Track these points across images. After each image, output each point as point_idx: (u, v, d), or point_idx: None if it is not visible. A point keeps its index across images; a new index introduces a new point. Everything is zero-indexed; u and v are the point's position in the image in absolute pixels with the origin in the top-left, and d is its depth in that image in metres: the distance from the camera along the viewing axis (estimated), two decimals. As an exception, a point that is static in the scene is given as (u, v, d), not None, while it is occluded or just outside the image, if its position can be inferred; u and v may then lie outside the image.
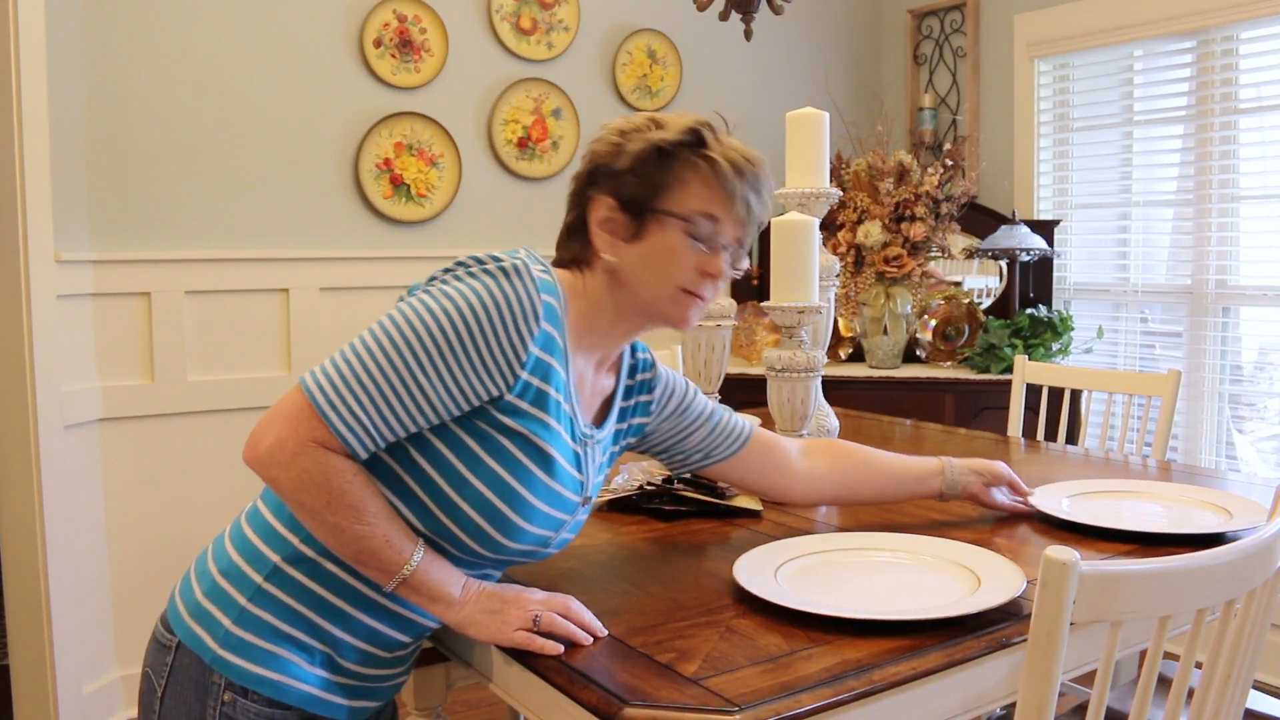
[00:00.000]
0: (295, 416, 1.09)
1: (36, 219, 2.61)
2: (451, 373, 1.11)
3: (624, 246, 1.24)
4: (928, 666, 1.07)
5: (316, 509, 1.09)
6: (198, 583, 1.22)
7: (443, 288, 1.13)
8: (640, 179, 1.23)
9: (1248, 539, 1.05)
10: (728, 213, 1.25)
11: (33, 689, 2.67)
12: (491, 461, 1.15)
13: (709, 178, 1.24)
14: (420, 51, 3.28)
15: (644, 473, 1.74)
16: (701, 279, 1.25)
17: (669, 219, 1.22)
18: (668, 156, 1.23)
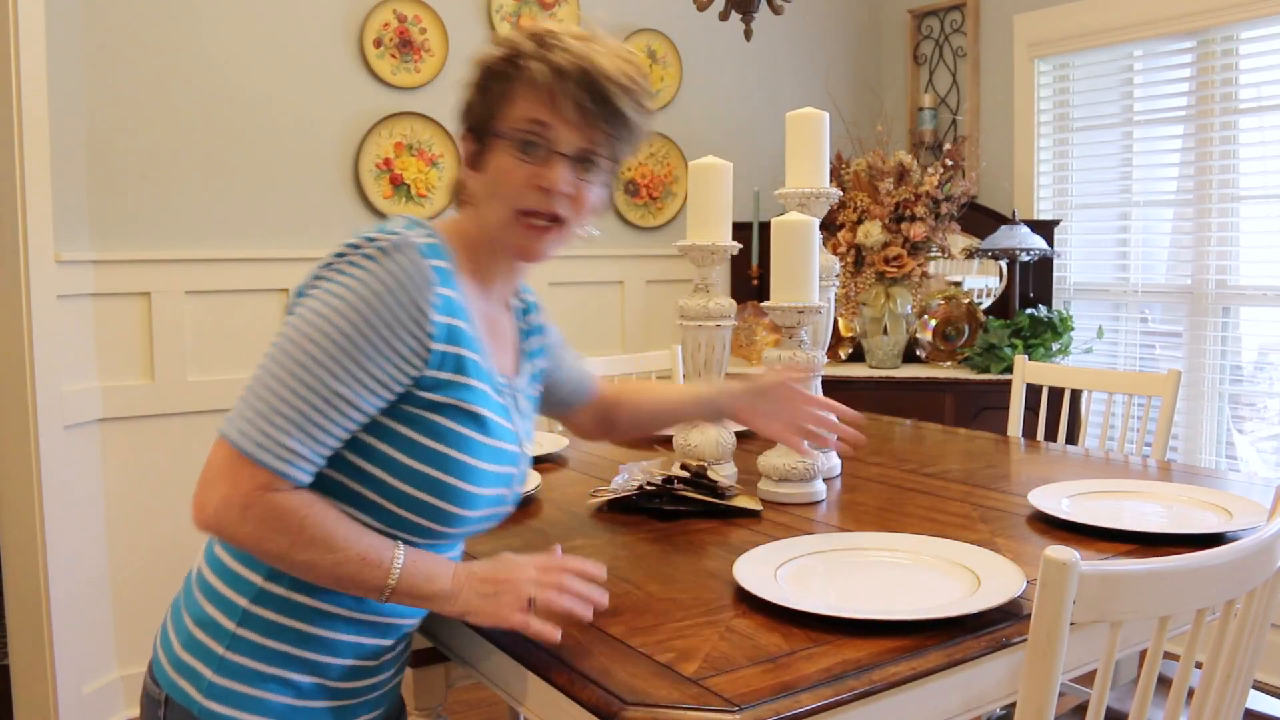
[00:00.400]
0: (230, 472, 1.04)
1: (36, 219, 2.61)
2: (366, 370, 1.07)
3: (475, 176, 1.22)
4: (928, 666, 1.07)
5: (284, 552, 1.06)
6: (175, 635, 1.19)
7: (329, 287, 1.08)
8: (479, 102, 1.21)
9: (1248, 539, 1.05)
10: (554, 116, 1.16)
11: (33, 689, 2.67)
12: (430, 442, 1.12)
13: (530, 86, 1.17)
14: (420, 51, 3.28)
15: (644, 473, 1.74)
16: (537, 195, 1.17)
17: (500, 140, 1.18)
18: (496, 75, 1.19)
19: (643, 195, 3.76)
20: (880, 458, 2.12)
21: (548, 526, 1.61)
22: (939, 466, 2.03)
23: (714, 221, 1.86)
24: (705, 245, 1.85)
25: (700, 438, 1.86)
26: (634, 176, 3.74)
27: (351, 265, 1.08)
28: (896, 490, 1.83)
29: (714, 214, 1.86)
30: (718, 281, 1.90)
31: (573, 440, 2.33)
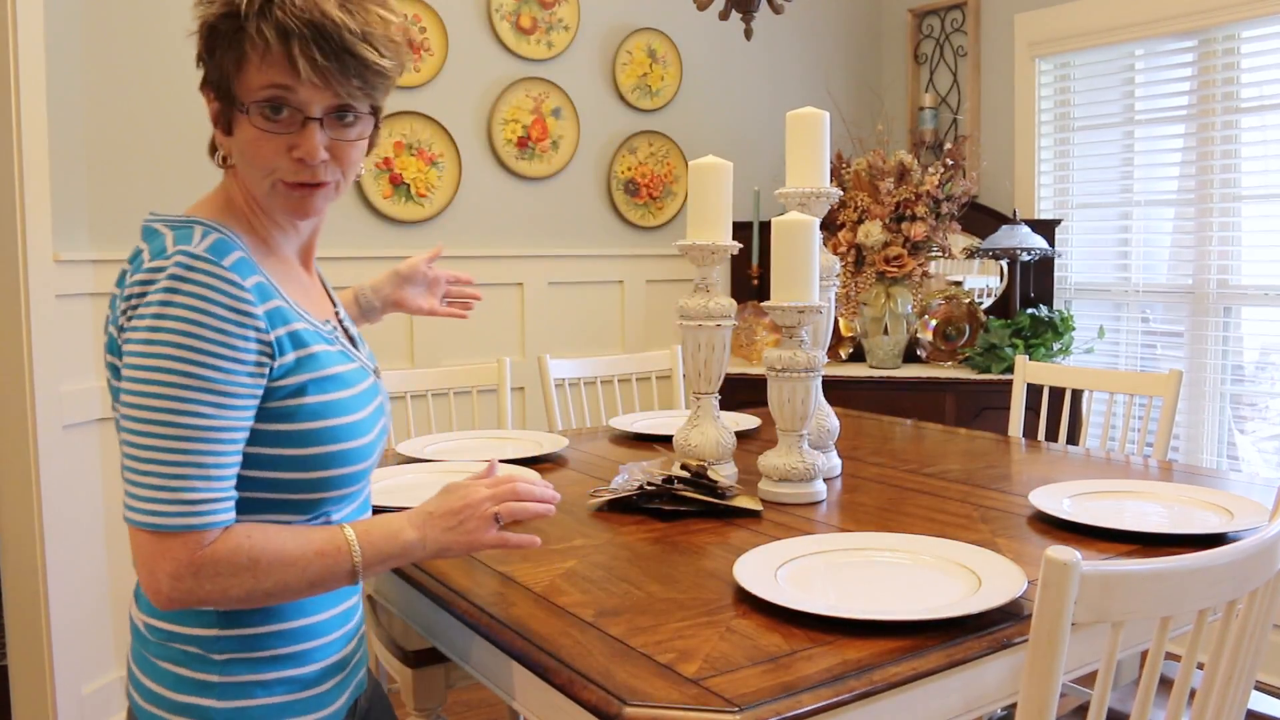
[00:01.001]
0: (161, 550, 1.02)
1: (35, 219, 2.60)
2: (226, 392, 1.04)
3: (227, 140, 1.15)
4: (928, 667, 1.07)
5: (252, 590, 1.06)
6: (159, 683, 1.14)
7: (145, 334, 1.03)
8: (211, 66, 1.12)
9: (1249, 539, 1.05)
10: (293, 78, 1.08)
11: (32, 689, 2.67)
12: (311, 424, 1.12)
13: (259, 50, 1.08)
14: (420, 51, 3.28)
15: (644, 473, 1.73)
16: (294, 166, 1.12)
17: (243, 109, 1.10)
18: (222, 37, 1.09)
19: (643, 195, 3.76)
20: (880, 458, 2.12)
21: (548, 526, 1.61)
22: (939, 466, 2.03)
23: (714, 221, 1.86)
24: (705, 245, 1.85)
25: (700, 438, 1.86)
26: (634, 176, 3.74)
27: (155, 304, 1.03)
28: (897, 490, 1.83)
29: (714, 214, 1.86)
30: (718, 281, 1.89)
31: (573, 440, 2.33)
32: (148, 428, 1.02)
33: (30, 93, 2.57)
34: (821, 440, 1.94)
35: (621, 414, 2.67)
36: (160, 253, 1.07)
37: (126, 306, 1.05)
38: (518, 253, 3.52)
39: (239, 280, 1.06)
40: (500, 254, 3.48)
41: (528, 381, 3.49)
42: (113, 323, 1.09)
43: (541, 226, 3.58)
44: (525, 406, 3.52)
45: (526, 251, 3.53)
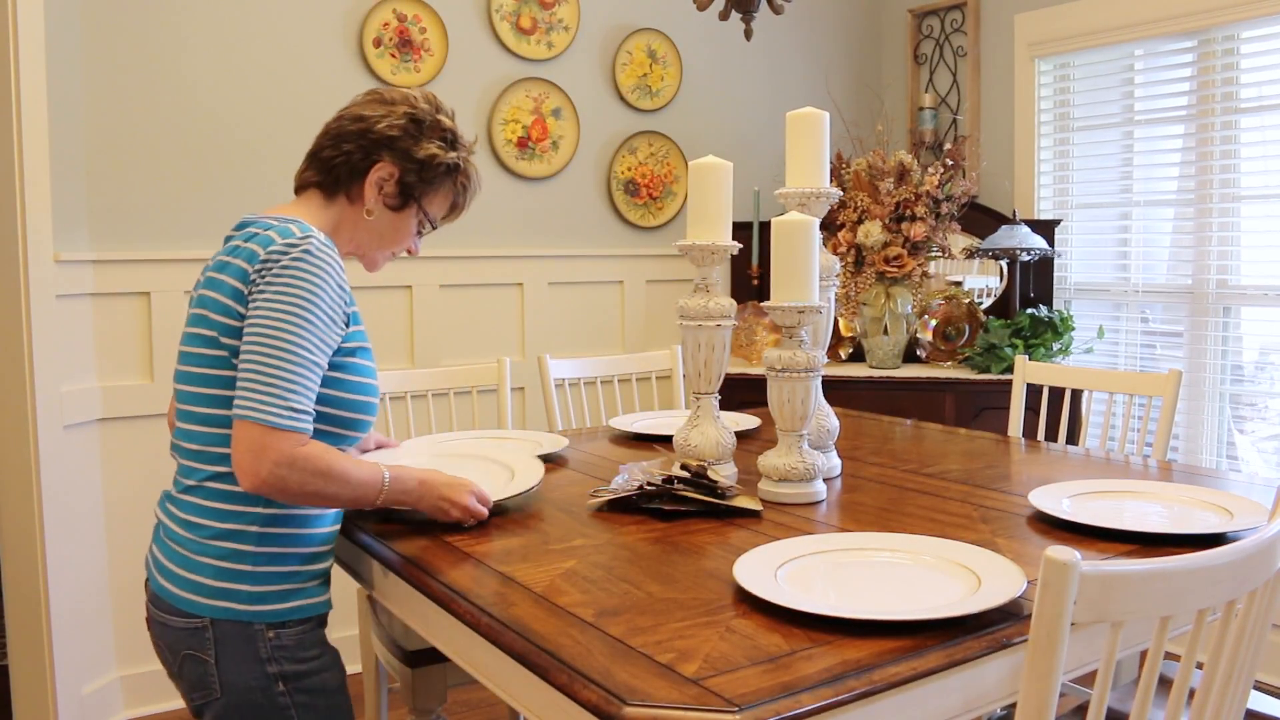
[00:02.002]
0: (268, 442, 1.35)
1: (36, 219, 2.60)
2: (325, 338, 1.43)
3: (382, 209, 1.60)
4: (928, 667, 1.07)
5: (320, 491, 1.40)
6: (197, 573, 1.44)
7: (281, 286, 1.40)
8: (423, 176, 1.60)
9: (1249, 539, 1.05)
10: (449, 218, 1.71)
11: (32, 689, 2.67)
12: (356, 377, 1.51)
13: (456, 196, 1.67)
14: (420, 51, 3.28)
15: (644, 473, 1.73)
16: (398, 253, 1.69)
17: (416, 213, 1.63)
18: (447, 173, 1.62)
19: (643, 195, 3.76)
20: (880, 458, 2.12)
21: (548, 526, 1.61)
22: (939, 466, 2.03)
23: (714, 221, 1.86)
24: (705, 245, 1.85)
25: (700, 438, 1.86)
26: (634, 176, 3.74)
27: (292, 266, 1.41)
28: (897, 490, 1.83)
29: (714, 214, 1.86)
30: (718, 281, 1.90)
31: (573, 440, 2.33)
32: (272, 350, 1.38)
33: (30, 93, 2.57)
34: (821, 440, 1.94)
35: (621, 414, 2.67)
36: (291, 234, 1.44)
37: (263, 267, 1.41)
38: (518, 253, 3.52)
39: (342, 267, 1.48)
40: (500, 254, 3.48)
41: (528, 381, 3.49)
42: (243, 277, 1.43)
43: (541, 226, 3.58)
44: (525, 406, 3.52)
45: (526, 251, 3.53)
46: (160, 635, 1.49)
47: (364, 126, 1.57)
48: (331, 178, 1.58)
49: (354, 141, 1.56)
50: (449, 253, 3.38)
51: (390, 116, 1.57)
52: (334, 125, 1.59)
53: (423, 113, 1.59)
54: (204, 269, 1.51)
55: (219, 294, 1.43)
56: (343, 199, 1.59)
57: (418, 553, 1.47)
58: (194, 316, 1.46)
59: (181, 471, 1.49)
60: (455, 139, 1.62)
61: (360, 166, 1.57)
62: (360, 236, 1.61)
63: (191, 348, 1.46)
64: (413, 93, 1.62)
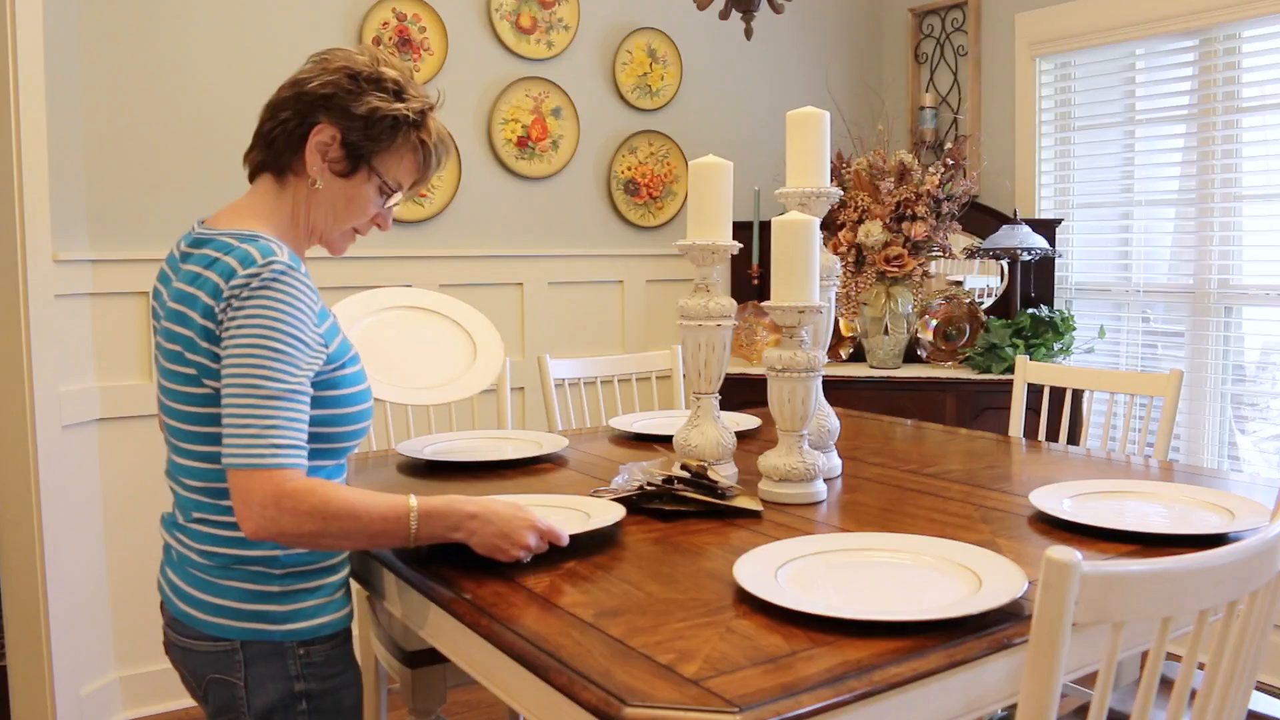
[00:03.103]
0: (251, 486, 1.26)
1: (34, 218, 2.60)
2: (303, 366, 1.33)
3: (330, 177, 1.46)
4: (929, 667, 1.07)
5: (321, 530, 1.29)
6: (225, 597, 1.39)
7: (249, 317, 1.30)
8: (369, 133, 1.44)
9: (1250, 539, 1.04)
10: (417, 185, 1.57)
11: (31, 690, 2.67)
12: (347, 390, 1.43)
13: (418, 158, 1.51)
14: (419, 50, 3.28)
15: (644, 473, 1.73)
16: (369, 226, 1.55)
17: (375, 176, 1.48)
18: (399, 127, 1.46)
19: (643, 195, 3.76)
20: (881, 458, 2.12)
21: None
22: (940, 467, 2.02)
23: (714, 221, 1.86)
24: (705, 245, 1.85)
25: (700, 438, 1.86)
26: (634, 176, 3.73)
27: (255, 297, 1.31)
28: (897, 490, 1.83)
29: (714, 213, 1.86)
30: (718, 281, 1.89)
31: (573, 440, 2.33)
32: (248, 391, 1.28)
33: (29, 93, 2.57)
34: (822, 440, 1.94)
35: (621, 414, 2.67)
36: (252, 261, 1.33)
37: (228, 303, 1.31)
38: (518, 253, 3.51)
39: (311, 286, 1.37)
40: (500, 254, 3.48)
41: (528, 381, 3.48)
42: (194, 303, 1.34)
43: (541, 226, 3.58)
44: (525, 406, 3.52)
45: (526, 251, 3.53)
46: (183, 660, 1.43)
47: (298, 90, 1.44)
48: (273, 153, 1.46)
49: (289, 108, 1.44)
50: (449, 253, 3.38)
51: (324, 74, 1.43)
52: (273, 97, 1.48)
53: (360, 64, 1.44)
54: (164, 286, 1.42)
55: (190, 331, 1.33)
56: (291, 177, 1.46)
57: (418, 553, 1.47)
58: (169, 352, 1.36)
59: (186, 504, 1.40)
60: (402, 90, 1.46)
61: (298, 133, 1.43)
62: (315, 215, 1.48)
63: (176, 385, 1.37)
64: (356, 50, 1.48)
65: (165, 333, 1.38)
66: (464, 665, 1.33)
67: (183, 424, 1.37)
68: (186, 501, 1.41)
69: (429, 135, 1.50)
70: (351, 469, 2.09)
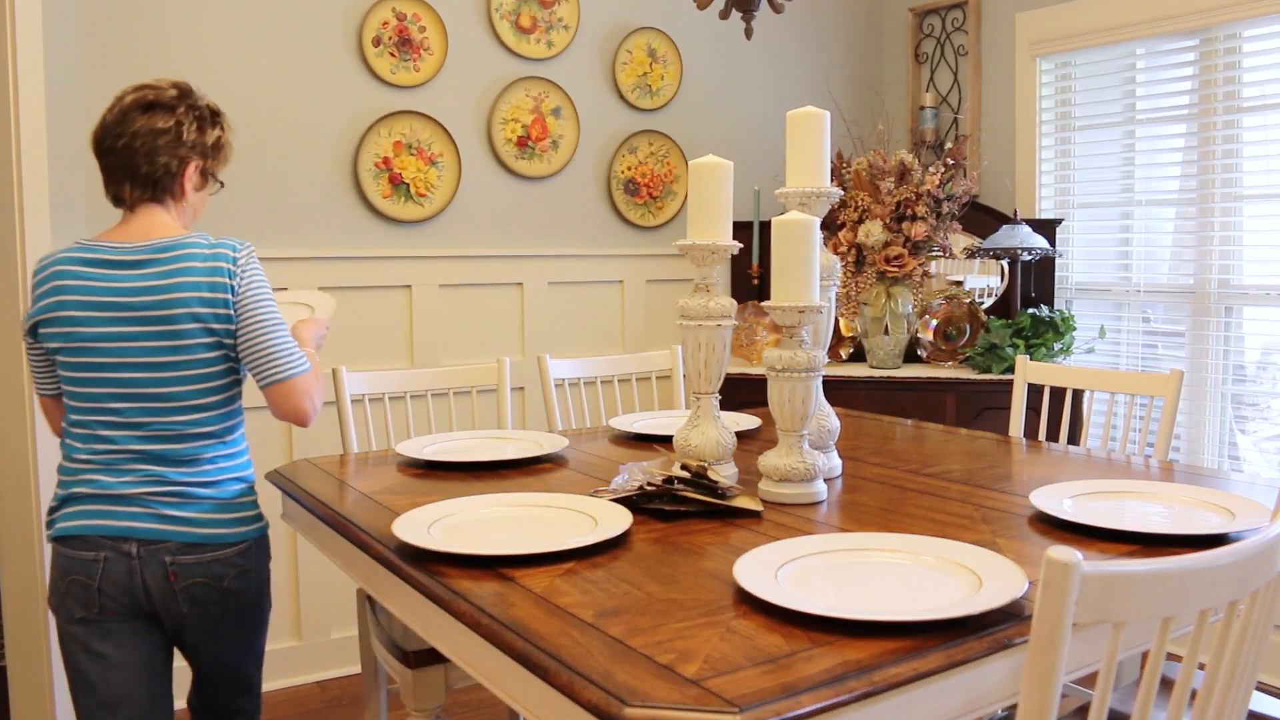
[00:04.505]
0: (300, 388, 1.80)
1: (34, 217, 2.60)
2: None
3: (195, 195, 1.91)
4: (929, 667, 1.07)
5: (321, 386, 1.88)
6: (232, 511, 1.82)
7: (259, 276, 1.83)
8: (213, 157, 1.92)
9: (1251, 540, 1.04)
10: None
11: (31, 690, 2.67)
12: None
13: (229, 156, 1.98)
14: (419, 50, 3.28)
15: (644, 473, 1.73)
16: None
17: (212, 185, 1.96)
18: (228, 146, 1.96)
19: (643, 195, 3.76)
20: (881, 458, 2.12)
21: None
22: (940, 467, 2.02)
23: (714, 221, 1.86)
24: (705, 245, 1.85)
25: (700, 438, 1.86)
26: (634, 176, 3.73)
27: (256, 265, 1.84)
28: (897, 491, 1.83)
29: (714, 213, 1.86)
30: (718, 281, 1.89)
31: (573, 440, 2.33)
32: (275, 323, 1.80)
33: (29, 92, 2.57)
34: (822, 440, 1.94)
35: (621, 414, 2.67)
36: (234, 245, 1.83)
37: (240, 268, 1.80)
38: (518, 253, 3.52)
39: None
40: (500, 254, 3.48)
41: (528, 381, 3.48)
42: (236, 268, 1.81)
43: (541, 226, 3.58)
44: (525, 406, 3.52)
45: (526, 251, 3.53)
46: (204, 573, 1.77)
47: (170, 139, 1.82)
48: (161, 188, 1.84)
49: (166, 153, 1.82)
50: (449, 252, 3.38)
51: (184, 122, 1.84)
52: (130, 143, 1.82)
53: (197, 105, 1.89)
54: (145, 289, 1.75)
55: (210, 308, 1.76)
56: (169, 200, 1.86)
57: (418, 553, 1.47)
58: (188, 328, 1.75)
59: (197, 451, 1.80)
60: (217, 113, 1.95)
61: (176, 171, 1.83)
62: (185, 222, 1.90)
63: (198, 354, 1.77)
64: (168, 89, 1.85)
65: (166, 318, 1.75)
66: (464, 665, 1.33)
67: (194, 384, 1.77)
68: (196, 450, 1.79)
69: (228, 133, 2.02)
70: (352, 468, 2.09)
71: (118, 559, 1.72)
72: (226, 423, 1.83)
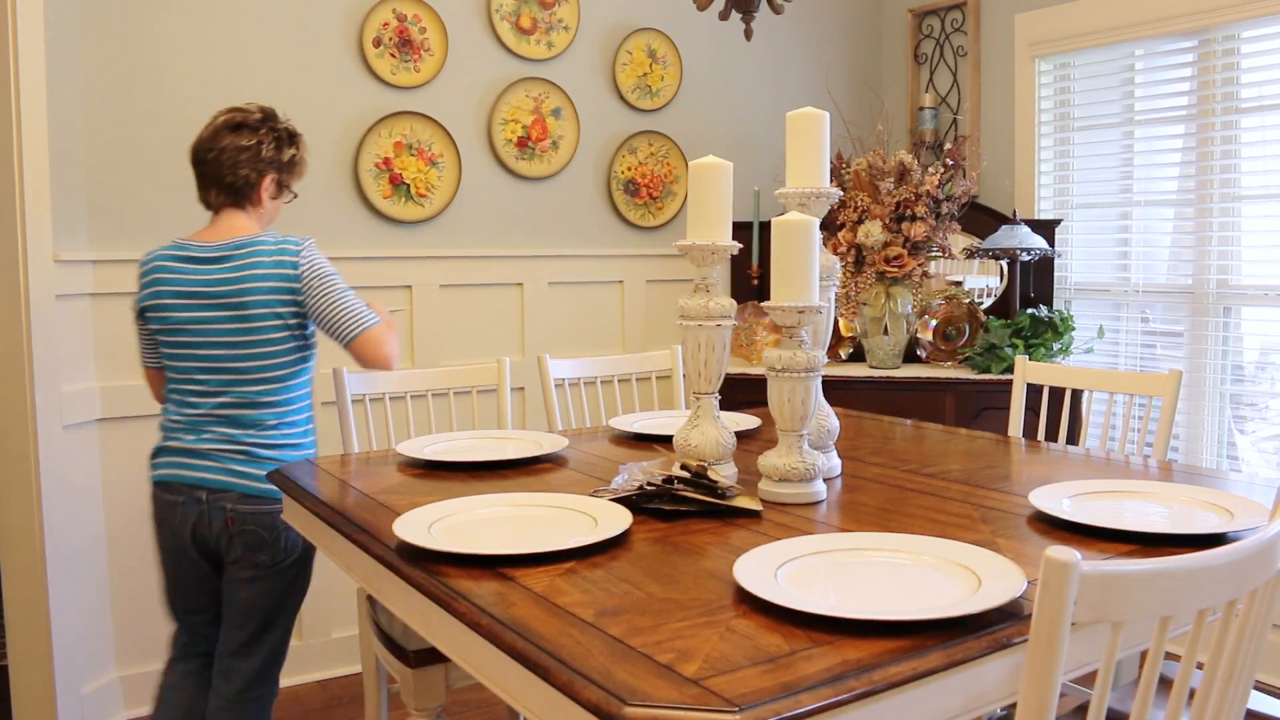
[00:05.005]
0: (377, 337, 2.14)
1: (35, 219, 2.60)
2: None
3: (271, 203, 2.26)
4: (928, 667, 1.07)
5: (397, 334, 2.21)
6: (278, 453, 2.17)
7: (320, 262, 2.16)
8: (288, 171, 2.26)
9: (1249, 539, 1.05)
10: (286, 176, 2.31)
11: (32, 689, 2.67)
12: None
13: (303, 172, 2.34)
14: (420, 51, 3.28)
15: (644, 473, 1.73)
16: None
17: (288, 192, 2.30)
18: (303, 162, 2.31)
19: (643, 195, 3.76)
20: (880, 458, 2.12)
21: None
22: (939, 467, 2.03)
23: (714, 221, 1.86)
24: (705, 245, 1.85)
25: (700, 438, 1.86)
26: (634, 176, 3.74)
27: (312, 251, 2.17)
28: (897, 490, 1.83)
29: (714, 214, 1.86)
30: (718, 281, 1.89)
31: (573, 440, 2.33)
32: (342, 289, 2.15)
33: (30, 93, 2.57)
34: (821, 440, 1.94)
35: (621, 414, 2.67)
36: (296, 240, 2.17)
37: (303, 257, 2.14)
38: (518, 253, 3.52)
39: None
40: (500, 254, 3.48)
41: (528, 381, 3.49)
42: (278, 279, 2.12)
43: (541, 226, 3.58)
44: (525, 406, 3.52)
45: (526, 251, 3.53)
46: (255, 523, 2.10)
47: (250, 155, 2.16)
48: (241, 196, 2.18)
49: (246, 167, 2.16)
50: (449, 253, 3.38)
51: (264, 141, 2.18)
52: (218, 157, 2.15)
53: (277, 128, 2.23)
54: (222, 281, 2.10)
55: (277, 294, 2.11)
56: (248, 205, 2.21)
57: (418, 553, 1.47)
58: (258, 308, 2.10)
59: (264, 418, 2.14)
60: (295, 133, 2.27)
61: (254, 182, 2.18)
62: (263, 227, 2.24)
63: (267, 334, 2.12)
64: (255, 112, 2.20)
65: (239, 304, 2.10)
66: (464, 665, 1.33)
67: (269, 360, 2.13)
68: (263, 417, 2.14)
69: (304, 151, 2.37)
70: (353, 468, 2.09)
71: (191, 503, 2.12)
72: (291, 394, 2.18)
